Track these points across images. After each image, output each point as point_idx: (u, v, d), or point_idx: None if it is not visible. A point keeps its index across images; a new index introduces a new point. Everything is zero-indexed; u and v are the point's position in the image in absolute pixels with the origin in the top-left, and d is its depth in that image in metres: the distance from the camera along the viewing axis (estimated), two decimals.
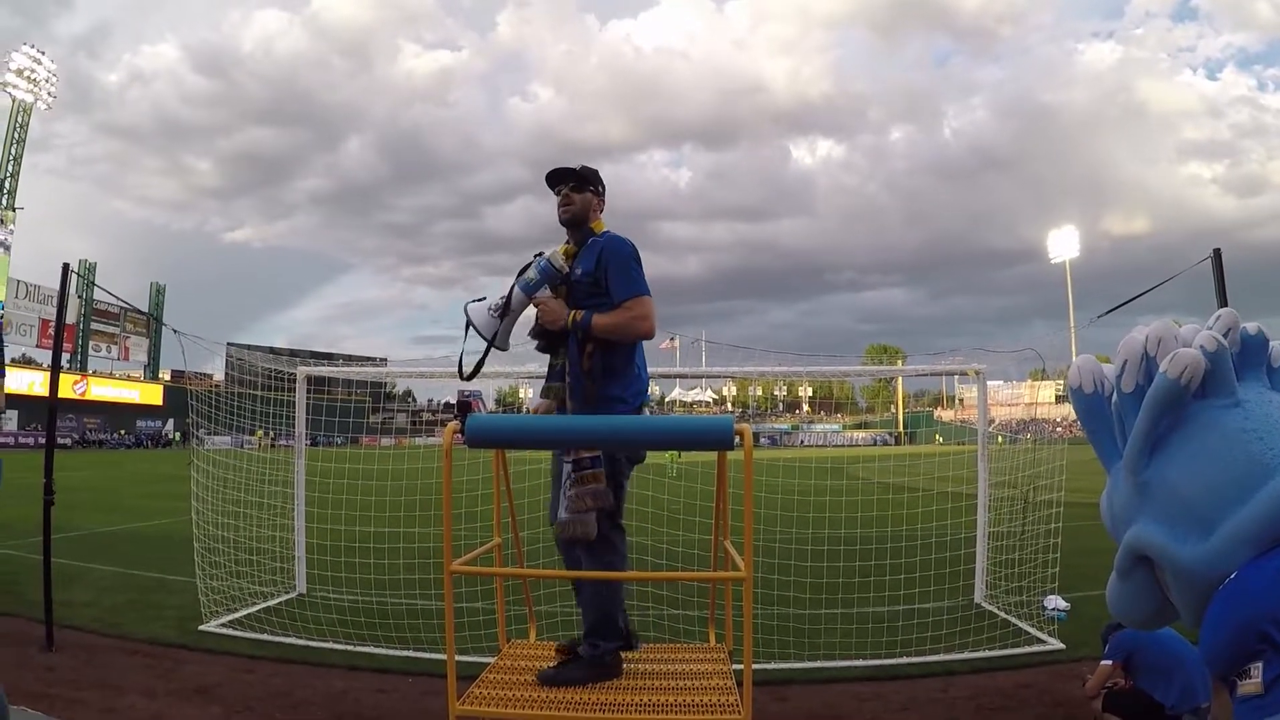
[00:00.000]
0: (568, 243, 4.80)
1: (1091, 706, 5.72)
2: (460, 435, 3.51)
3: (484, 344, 4.43)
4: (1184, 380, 1.21)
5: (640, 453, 4.73)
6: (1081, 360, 1.60)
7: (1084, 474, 9.27)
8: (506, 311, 4.45)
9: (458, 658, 3.59)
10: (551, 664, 4.13)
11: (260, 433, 12.10)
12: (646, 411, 4.56)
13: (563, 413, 4.48)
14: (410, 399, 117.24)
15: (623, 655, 4.37)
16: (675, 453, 8.33)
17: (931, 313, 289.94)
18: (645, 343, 4.65)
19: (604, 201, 4.92)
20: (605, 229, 4.83)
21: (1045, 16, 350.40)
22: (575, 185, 4.78)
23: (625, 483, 4.65)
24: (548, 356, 4.70)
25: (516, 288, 4.44)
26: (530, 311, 4.54)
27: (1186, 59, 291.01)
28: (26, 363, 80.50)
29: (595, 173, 4.91)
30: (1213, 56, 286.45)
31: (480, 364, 4.53)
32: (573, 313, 4.40)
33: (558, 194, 4.81)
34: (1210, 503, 1.27)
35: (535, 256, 4.58)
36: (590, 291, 4.55)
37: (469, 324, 4.43)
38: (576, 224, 4.77)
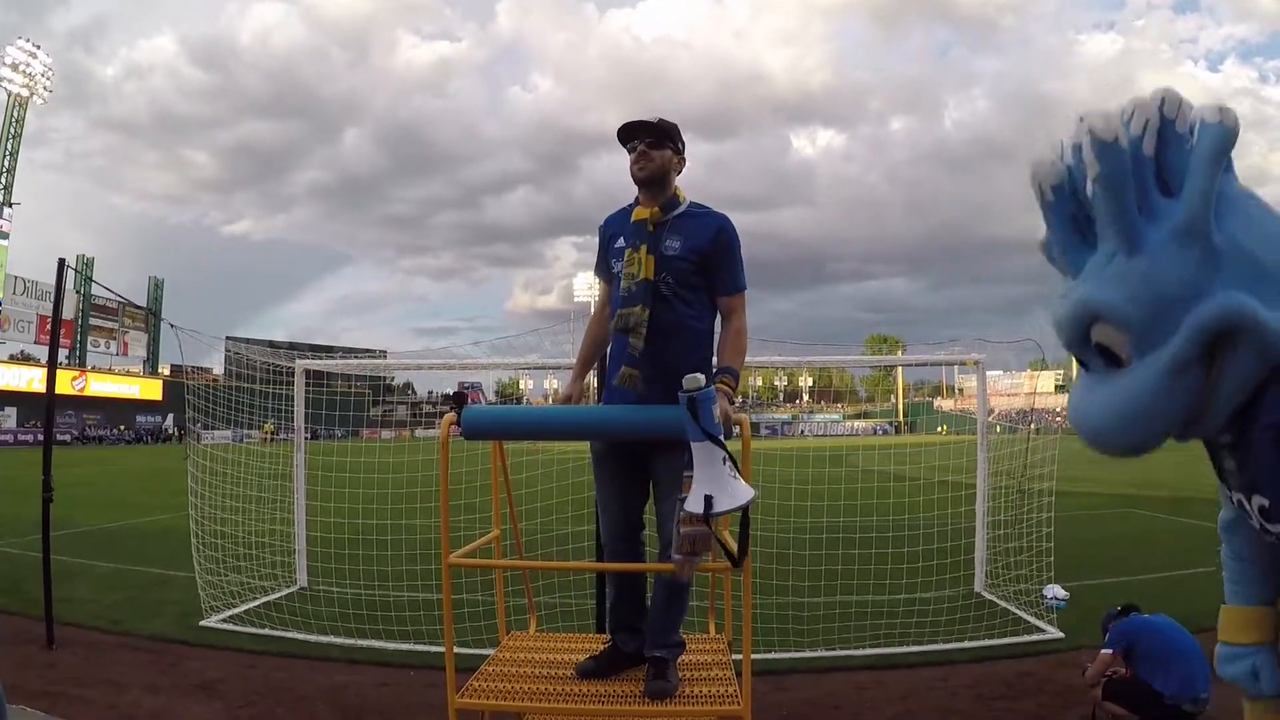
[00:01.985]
0: (651, 204, 4.21)
1: (1091, 695, 5.73)
2: (457, 427, 3.51)
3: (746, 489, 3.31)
4: (1236, 128, 1.20)
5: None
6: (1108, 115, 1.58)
7: (1078, 463, 9.32)
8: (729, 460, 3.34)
9: (458, 650, 3.60)
10: (648, 677, 3.92)
11: (269, 425, 12.10)
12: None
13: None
14: (410, 391, 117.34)
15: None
16: None
17: (933, 302, 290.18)
18: None
19: (684, 164, 4.35)
20: (688, 199, 4.32)
21: (1047, 6, 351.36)
22: (653, 141, 4.19)
23: None
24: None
25: (718, 436, 3.35)
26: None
27: (1188, 50, 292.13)
28: (24, 359, 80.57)
29: (676, 128, 4.33)
30: (1214, 48, 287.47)
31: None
32: (730, 392, 3.78)
33: (631, 150, 4.20)
34: None
35: (690, 393, 3.36)
36: (688, 270, 4.09)
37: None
38: (655, 182, 4.20)
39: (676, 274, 4.05)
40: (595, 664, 4.05)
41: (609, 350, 4.26)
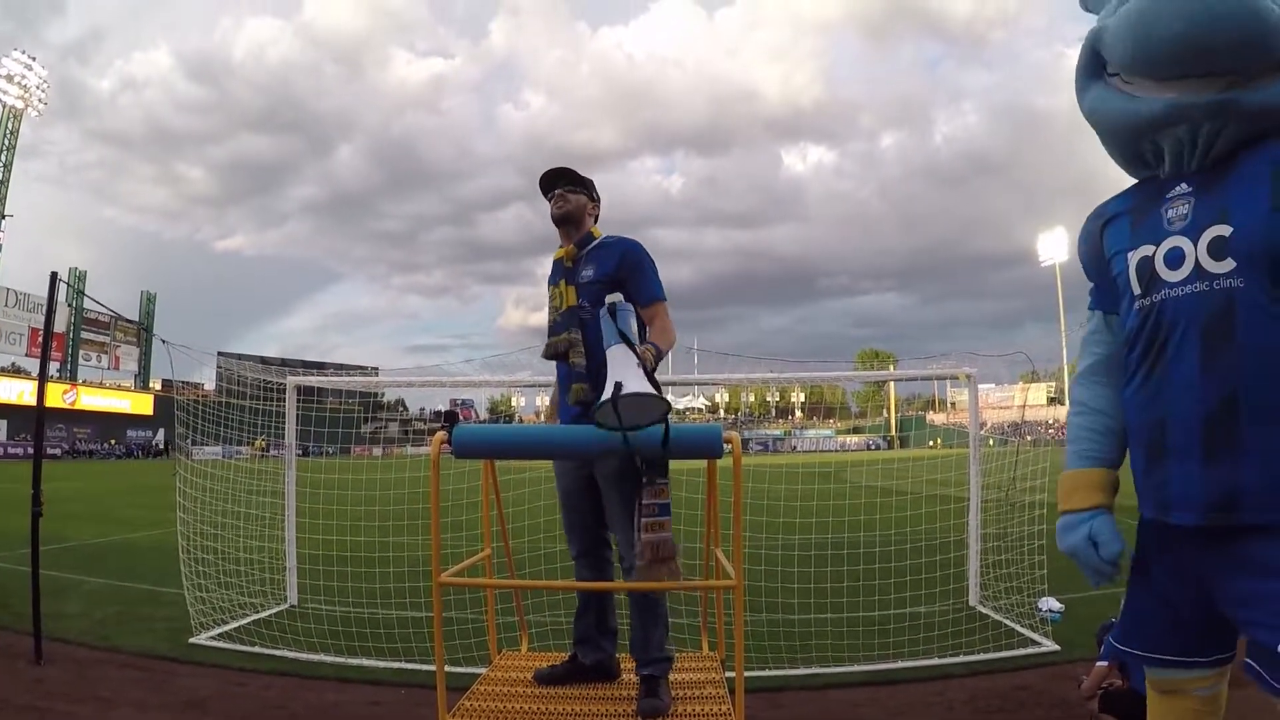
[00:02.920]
0: (567, 244, 4.68)
1: (1088, 707, 5.69)
2: (448, 445, 3.49)
3: (662, 401, 3.48)
4: None
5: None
6: None
7: None
8: (641, 363, 3.63)
9: (450, 669, 3.57)
10: (637, 694, 4.05)
11: (260, 441, 12.07)
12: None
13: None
14: (402, 408, 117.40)
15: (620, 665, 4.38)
16: None
17: (924, 317, 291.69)
18: None
19: (598, 208, 4.85)
20: (604, 235, 4.74)
21: (1036, 21, 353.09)
22: (570, 187, 4.72)
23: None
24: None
25: (631, 341, 3.70)
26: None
27: None
28: (15, 372, 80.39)
29: (591, 181, 4.85)
30: None
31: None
32: (646, 348, 3.94)
33: (549, 197, 4.74)
34: None
35: (609, 306, 3.86)
36: (601, 292, 4.35)
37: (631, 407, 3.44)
38: (570, 221, 4.68)
39: (592, 298, 4.40)
40: (552, 672, 4.29)
41: (556, 378, 4.70)
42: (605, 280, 4.43)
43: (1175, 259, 2.45)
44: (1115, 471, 2.76)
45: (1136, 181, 2.82)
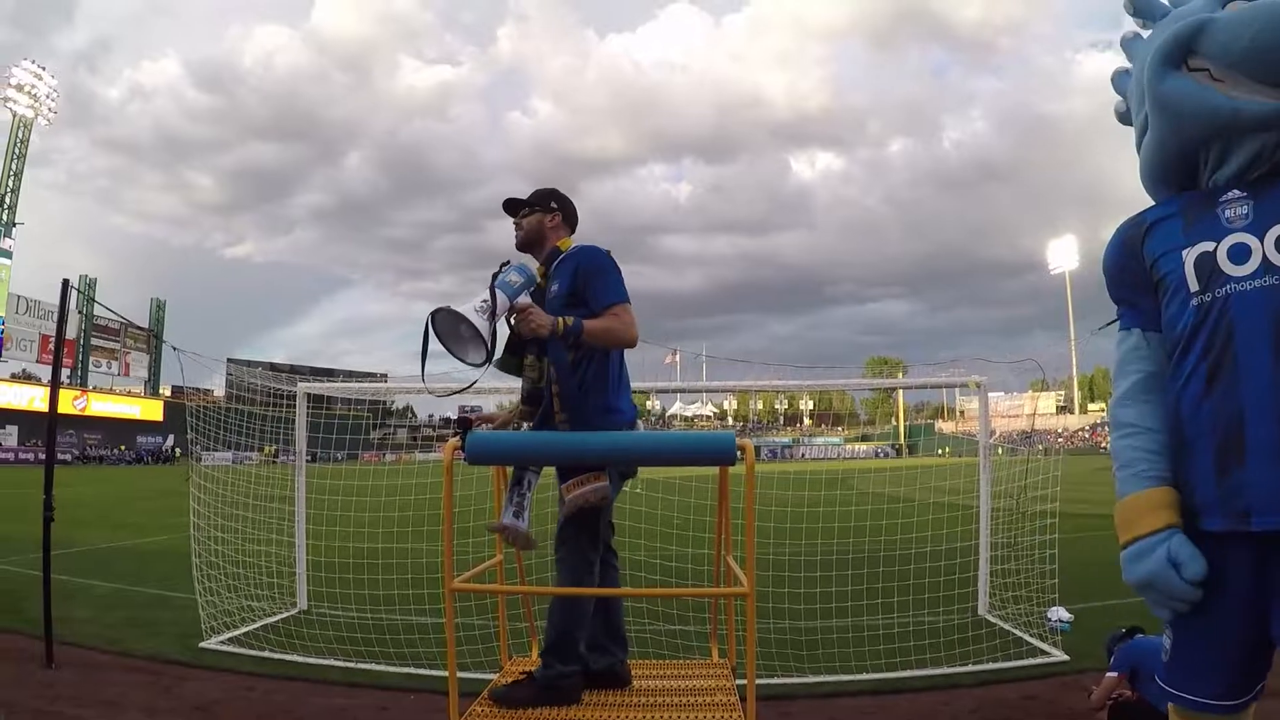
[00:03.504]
0: (540, 267, 4.66)
1: (1097, 718, 5.70)
2: (461, 452, 3.50)
3: (482, 351, 3.77)
4: None
5: (632, 467, 4.62)
6: None
7: (1082, 485, 9.30)
8: (495, 314, 3.86)
9: (459, 675, 3.57)
10: (506, 681, 4.16)
11: (270, 448, 12.08)
12: (640, 423, 4.43)
13: (549, 428, 4.38)
14: (410, 414, 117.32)
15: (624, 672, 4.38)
16: None
17: (933, 324, 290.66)
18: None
19: (561, 216, 4.79)
20: (574, 244, 4.70)
21: (1044, 27, 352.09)
22: (522, 213, 4.74)
23: (613, 498, 4.63)
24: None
25: (497, 290, 3.94)
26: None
27: None
28: (26, 378, 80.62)
29: (548, 192, 4.82)
30: None
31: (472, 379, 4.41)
32: (560, 319, 4.06)
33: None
34: None
35: (502, 265, 4.23)
36: (567, 306, 4.33)
37: (449, 329, 3.81)
38: (531, 245, 4.71)
39: (557, 311, 4.26)
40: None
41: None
42: (566, 294, 4.41)
43: (1241, 253, 2.44)
44: (1177, 491, 2.60)
45: (1162, 200, 2.84)
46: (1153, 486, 2.61)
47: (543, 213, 4.71)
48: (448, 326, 3.67)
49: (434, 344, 3.78)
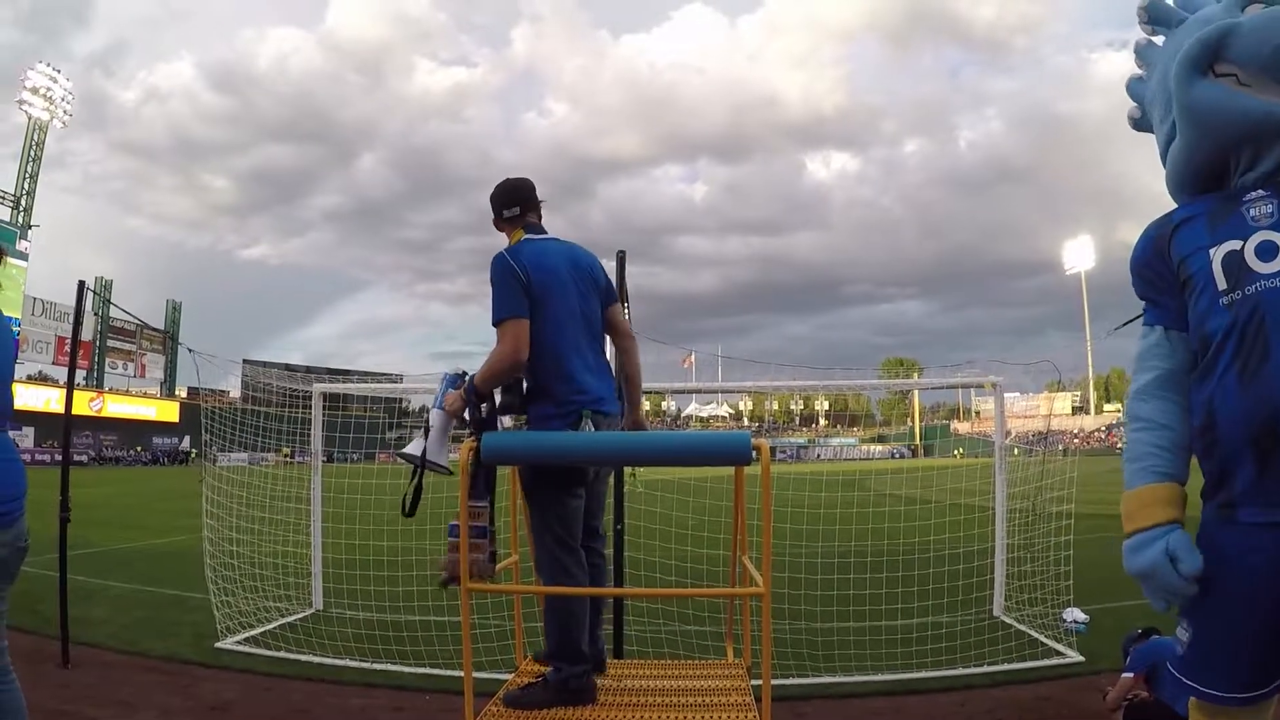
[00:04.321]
0: None
1: (1112, 719, 5.69)
2: (477, 452, 3.52)
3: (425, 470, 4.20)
4: None
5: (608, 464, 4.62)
6: None
7: (1098, 486, 9.27)
8: (427, 432, 4.29)
9: (475, 674, 3.58)
10: (520, 683, 4.15)
11: (285, 449, 12.10)
12: (586, 421, 4.19)
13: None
14: (426, 415, 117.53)
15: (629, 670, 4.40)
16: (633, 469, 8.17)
17: (948, 325, 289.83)
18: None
19: (496, 217, 4.86)
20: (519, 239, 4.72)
21: (1059, 27, 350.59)
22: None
23: (602, 490, 4.63)
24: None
25: (433, 411, 4.31)
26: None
27: None
28: (43, 379, 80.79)
29: (493, 193, 4.89)
30: None
31: (418, 488, 4.34)
32: (462, 384, 4.23)
33: None
34: None
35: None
36: None
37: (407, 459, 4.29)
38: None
39: None
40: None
41: None
42: None
43: (1268, 251, 2.47)
44: (1184, 488, 2.68)
45: (1184, 201, 2.85)
46: (1159, 482, 2.66)
47: (495, 218, 4.84)
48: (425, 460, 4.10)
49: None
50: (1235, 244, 2.52)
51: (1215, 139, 2.70)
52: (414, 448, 4.21)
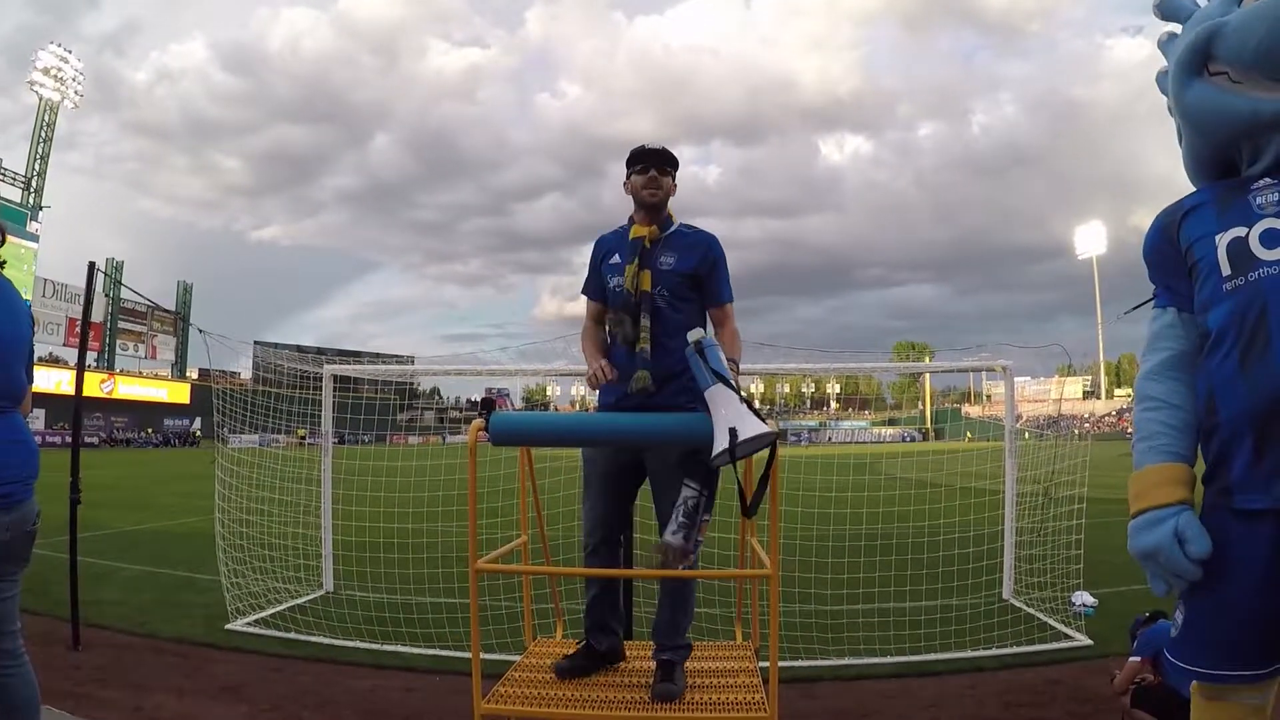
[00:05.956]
0: (649, 224, 4.43)
1: (1120, 703, 5.68)
2: (485, 433, 3.51)
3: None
4: None
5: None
6: None
7: (1108, 470, 9.25)
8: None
9: (485, 655, 3.58)
10: (653, 680, 3.99)
11: (302, 430, 12.12)
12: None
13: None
14: (438, 396, 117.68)
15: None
16: None
17: (961, 309, 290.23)
18: None
19: (676, 188, 4.62)
20: (679, 220, 4.59)
21: (1074, 12, 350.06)
22: (665, 168, 4.48)
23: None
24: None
25: (718, 388, 3.46)
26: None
27: None
28: (54, 361, 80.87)
29: (678, 160, 4.61)
30: None
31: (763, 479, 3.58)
32: (722, 358, 3.60)
33: (642, 172, 4.44)
34: None
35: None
36: (681, 284, 4.33)
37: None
38: (660, 207, 4.47)
39: (671, 287, 4.30)
40: (570, 663, 4.15)
41: (610, 353, 4.36)
42: (686, 274, 4.34)
43: (1273, 238, 2.48)
44: (1193, 469, 2.67)
45: (1201, 186, 2.86)
46: (1170, 462, 2.65)
47: (672, 181, 4.57)
48: (745, 449, 3.42)
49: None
50: (1241, 230, 2.54)
51: (1212, 139, 2.75)
52: (723, 443, 3.34)
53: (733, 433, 3.30)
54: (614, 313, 4.34)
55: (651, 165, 4.43)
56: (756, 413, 3.35)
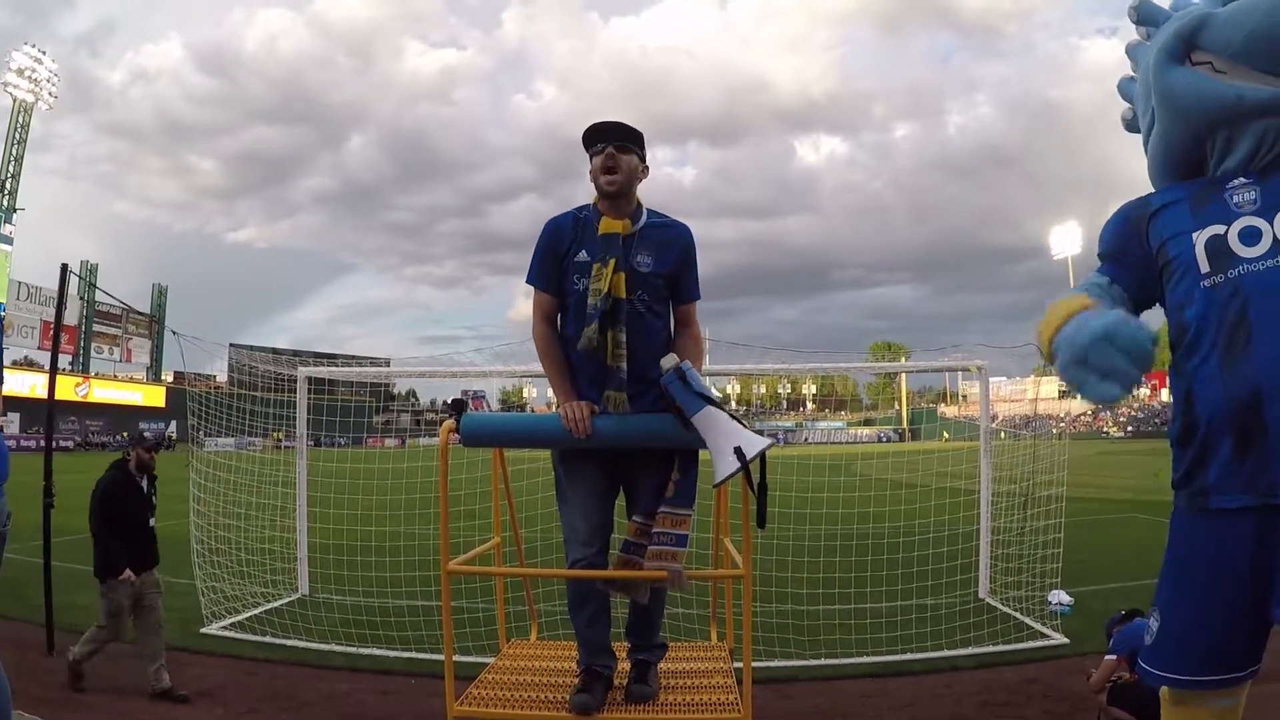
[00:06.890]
0: (618, 217, 3.86)
1: (1096, 701, 5.71)
2: (456, 434, 3.50)
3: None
4: None
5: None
6: None
7: (1085, 469, 9.31)
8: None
9: (459, 658, 3.58)
10: (627, 680, 3.90)
11: (278, 433, 12.08)
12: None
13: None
14: (413, 399, 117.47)
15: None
16: None
17: (938, 310, 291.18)
18: None
19: (648, 170, 4.06)
20: (645, 207, 4.01)
21: (1050, 14, 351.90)
22: (621, 145, 3.86)
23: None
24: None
25: (706, 411, 3.39)
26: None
27: None
28: (28, 364, 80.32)
29: (642, 135, 4.01)
30: None
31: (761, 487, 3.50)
32: (676, 368, 3.46)
33: (599, 152, 3.87)
34: None
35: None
36: (661, 286, 3.87)
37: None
38: (622, 193, 3.87)
39: (651, 291, 3.84)
40: (592, 699, 3.71)
41: (578, 371, 3.87)
42: (665, 275, 3.86)
43: (1252, 236, 2.48)
44: None
45: (1172, 183, 2.87)
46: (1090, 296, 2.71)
47: (640, 160, 3.99)
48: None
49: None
50: (1219, 228, 2.54)
51: (1190, 124, 2.74)
52: (728, 465, 3.33)
53: (739, 453, 3.26)
54: (587, 326, 3.71)
55: (609, 143, 3.87)
56: (745, 424, 3.34)
